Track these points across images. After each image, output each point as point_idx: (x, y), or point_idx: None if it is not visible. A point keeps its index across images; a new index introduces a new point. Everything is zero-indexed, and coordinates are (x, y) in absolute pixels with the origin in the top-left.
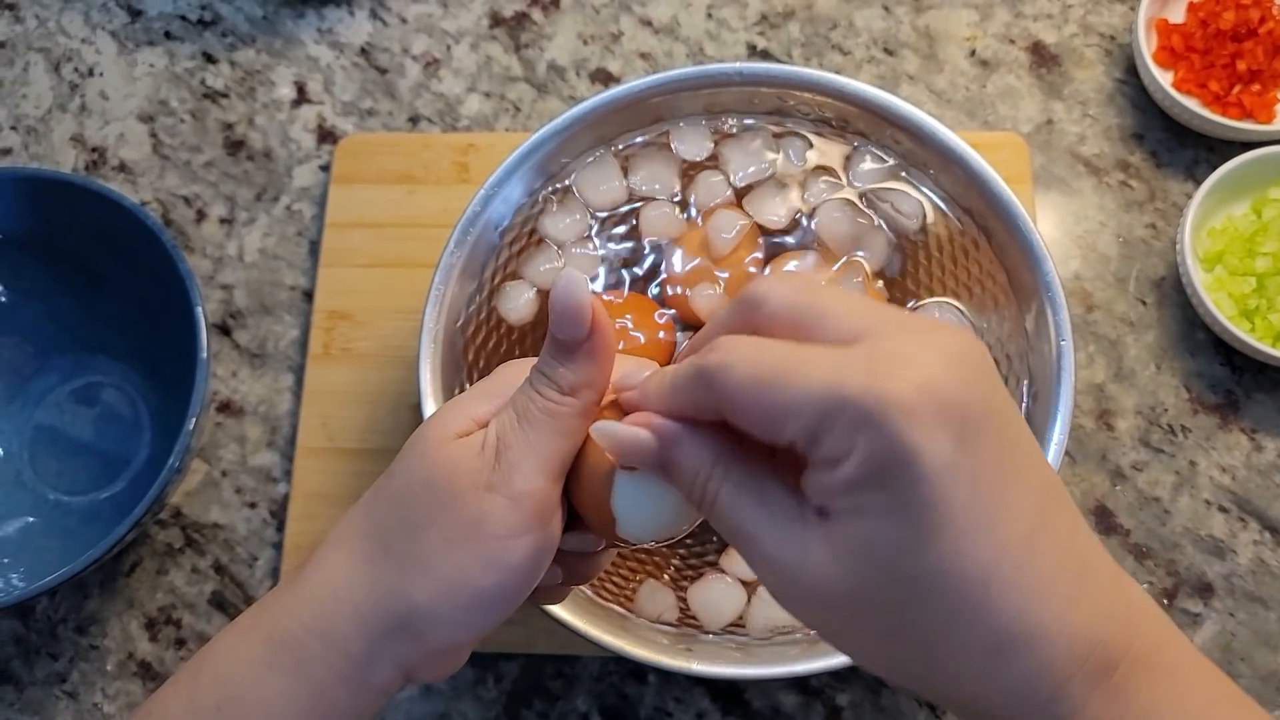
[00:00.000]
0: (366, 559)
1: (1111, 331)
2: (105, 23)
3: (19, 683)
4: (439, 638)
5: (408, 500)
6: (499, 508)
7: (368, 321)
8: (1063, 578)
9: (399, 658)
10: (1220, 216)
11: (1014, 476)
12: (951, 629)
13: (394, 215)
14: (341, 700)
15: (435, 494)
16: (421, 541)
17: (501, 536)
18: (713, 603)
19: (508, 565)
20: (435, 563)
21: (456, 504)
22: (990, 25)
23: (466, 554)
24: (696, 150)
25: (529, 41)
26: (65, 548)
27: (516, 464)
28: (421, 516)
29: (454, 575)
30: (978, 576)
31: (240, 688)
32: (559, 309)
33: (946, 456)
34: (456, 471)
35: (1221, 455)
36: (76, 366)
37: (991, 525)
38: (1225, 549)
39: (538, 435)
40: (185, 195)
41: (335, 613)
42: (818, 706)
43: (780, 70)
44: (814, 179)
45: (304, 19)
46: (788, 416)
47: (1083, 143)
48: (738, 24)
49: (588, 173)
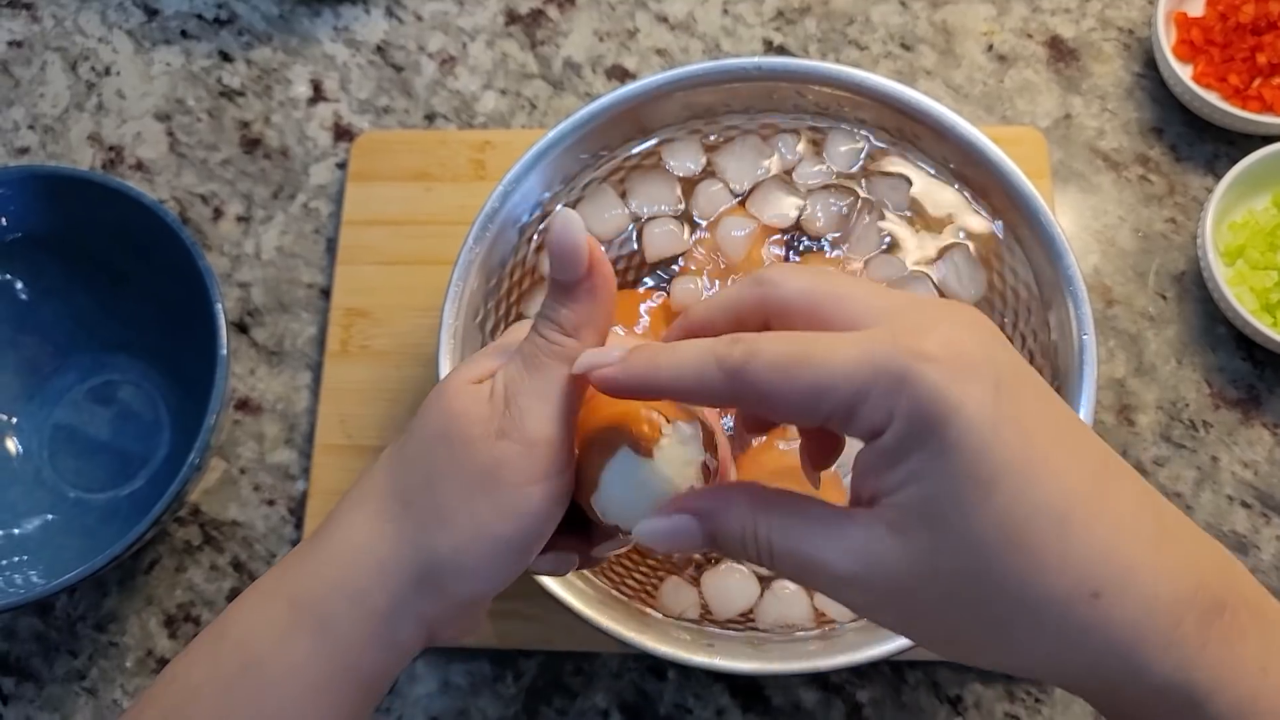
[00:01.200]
0: (388, 516)
1: (1132, 326)
2: (122, 22)
3: (39, 680)
4: (461, 589)
5: (424, 454)
6: (513, 454)
7: (385, 319)
8: (1143, 517)
9: (422, 612)
10: (1241, 210)
11: (1064, 425)
12: (1040, 580)
13: (411, 213)
14: (366, 659)
15: (450, 445)
16: (440, 493)
17: (518, 484)
18: (726, 591)
19: (525, 512)
20: (454, 512)
21: (471, 452)
22: (1008, 20)
23: (484, 502)
24: (690, 164)
25: (545, 38)
26: (85, 545)
27: (527, 409)
28: (439, 468)
29: (473, 524)
30: (1051, 518)
31: (264, 650)
32: (556, 250)
33: (988, 405)
34: (469, 420)
35: (1243, 450)
36: (95, 364)
37: (1052, 467)
38: (1248, 545)
39: (545, 380)
40: (202, 193)
41: (358, 568)
42: (838, 703)
43: (799, 65)
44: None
45: (320, 17)
46: (822, 394)
47: (1101, 137)
48: (754, 20)
49: (586, 206)
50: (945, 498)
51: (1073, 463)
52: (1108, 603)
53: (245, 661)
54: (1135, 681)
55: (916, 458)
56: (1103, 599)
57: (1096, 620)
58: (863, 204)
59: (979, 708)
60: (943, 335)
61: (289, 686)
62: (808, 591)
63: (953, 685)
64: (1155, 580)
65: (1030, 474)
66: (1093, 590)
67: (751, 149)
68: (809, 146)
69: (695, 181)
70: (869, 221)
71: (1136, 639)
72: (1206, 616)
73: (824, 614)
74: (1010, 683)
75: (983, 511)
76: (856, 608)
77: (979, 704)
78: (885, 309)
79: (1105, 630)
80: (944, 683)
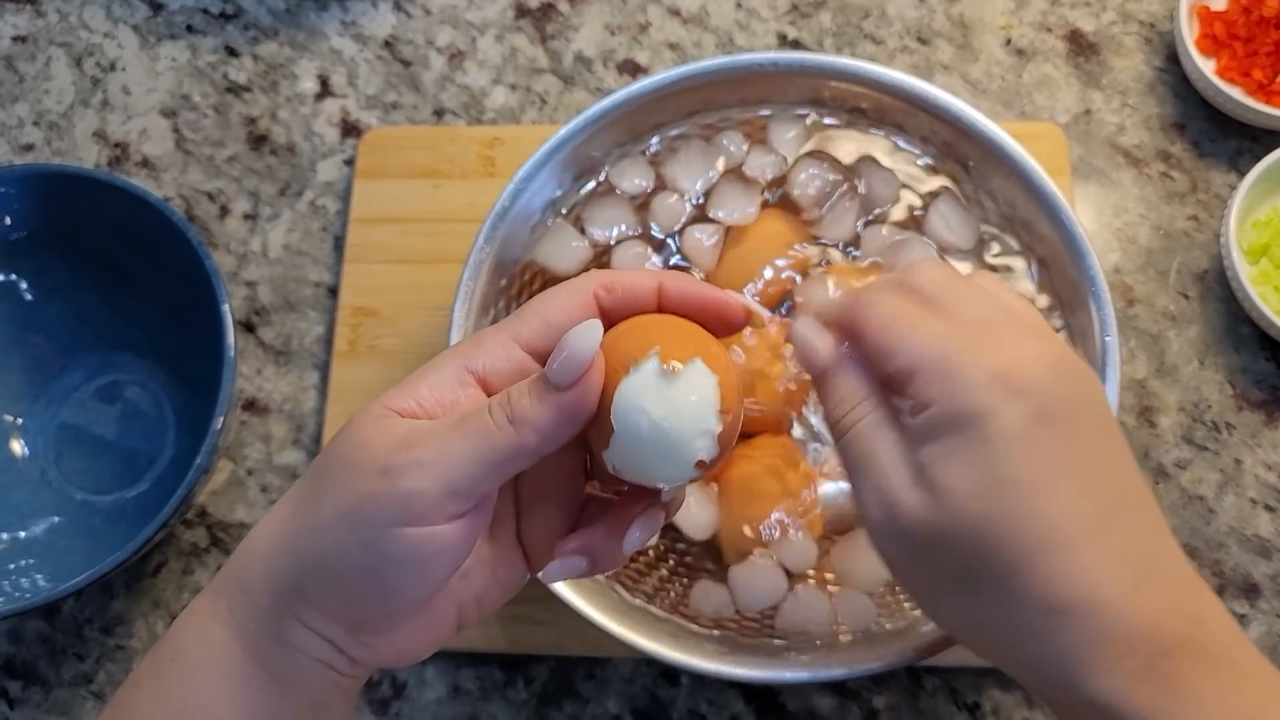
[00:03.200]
0: (282, 516)
1: (1153, 326)
2: (127, 17)
3: (46, 683)
4: (330, 606)
5: (320, 466)
6: (383, 498)
7: (394, 318)
8: (1129, 562)
9: (305, 619)
10: (1265, 208)
11: (1091, 464)
12: (1015, 580)
13: (419, 210)
14: (272, 654)
15: (341, 465)
16: (319, 507)
17: (378, 525)
18: (754, 585)
19: (383, 554)
20: (322, 533)
21: (351, 479)
22: (1026, 13)
23: (349, 531)
24: (640, 181)
25: (555, 32)
26: (91, 548)
27: (421, 462)
28: (323, 484)
29: (335, 550)
30: (1040, 536)
31: (190, 638)
32: (565, 353)
33: (1018, 425)
34: (365, 448)
35: (1267, 453)
36: (101, 364)
37: (1059, 495)
38: (1272, 548)
39: (462, 444)
40: (209, 191)
41: (248, 565)
42: (854, 709)
43: (815, 60)
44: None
45: (327, 11)
46: (894, 352)
47: (1122, 133)
48: (768, 13)
49: (547, 245)
50: (964, 483)
51: (1081, 495)
52: (1063, 623)
53: (175, 650)
54: (1069, 692)
55: (947, 441)
56: (1061, 618)
57: (1044, 632)
58: (847, 187)
59: (997, 714)
60: (1006, 356)
61: (208, 672)
62: (829, 596)
63: (970, 691)
64: (1116, 618)
65: (1036, 492)
66: (1052, 606)
67: (698, 153)
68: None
69: (650, 197)
70: (849, 206)
71: (1079, 661)
72: (1153, 658)
73: (843, 624)
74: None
75: (980, 507)
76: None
77: (997, 710)
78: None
79: (1050, 641)
80: (962, 689)
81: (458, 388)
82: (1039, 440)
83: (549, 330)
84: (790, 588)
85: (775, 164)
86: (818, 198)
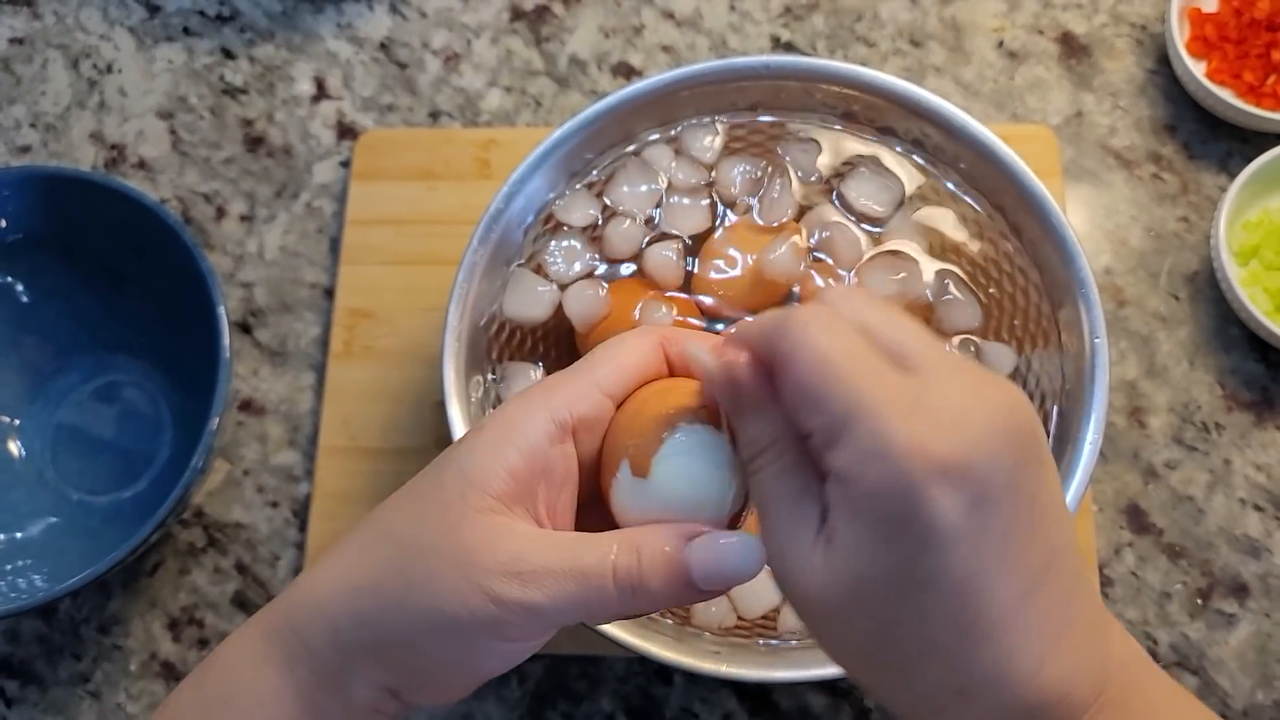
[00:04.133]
0: (356, 577)
1: (1144, 327)
2: (123, 19)
3: (43, 683)
4: (402, 675)
5: (407, 540)
6: (484, 618)
7: (389, 319)
8: (1042, 635)
9: (370, 679)
10: (1255, 210)
11: (1020, 544)
12: (921, 665)
13: (415, 212)
14: (329, 707)
15: (439, 560)
16: (409, 594)
17: (473, 636)
18: (753, 589)
19: (469, 656)
20: (412, 621)
21: (449, 583)
22: (1018, 16)
23: (443, 631)
24: (591, 212)
25: (550, 35)
26: (88, 548)
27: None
28: (414, 569)
29: (424, 643)
30: (956, 629)
31: (241, 680)
32: (725, 571)
33: (956, 521)
34: (469, 556)
35: (1256, 453)
36: (97, 365)
37: (982, 587)
38: (1261, 548)
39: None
40: (205, 192)
41: (311, 620)
42: (846, 708)
43: (807, 63)
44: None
45: (323, 14)
46: (821, 407)
47: (1113, 135)
48: (761, 16)
49: (512, 298)
50: (879, 579)
51: (1009, 579)
52: (966, 700)
53: (223, 692)
54: None
55: (862, 525)
56: (964, 696)
57: (949, 709)
58: (774, 169)
59: None
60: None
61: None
62: None
63: None
64: (1017, 693)
65: (960, 588)
66: (959, 689)
67: (636, 172)
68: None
69: (602, 226)
70: (781, 186)
71: None
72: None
73: None
74: None
75: (903, 605)
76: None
77: None
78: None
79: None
80: None
81: (548, 447)
82: (975, 537)
83: (624, 374)
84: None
85: (701, 171)
86: (751, 187)
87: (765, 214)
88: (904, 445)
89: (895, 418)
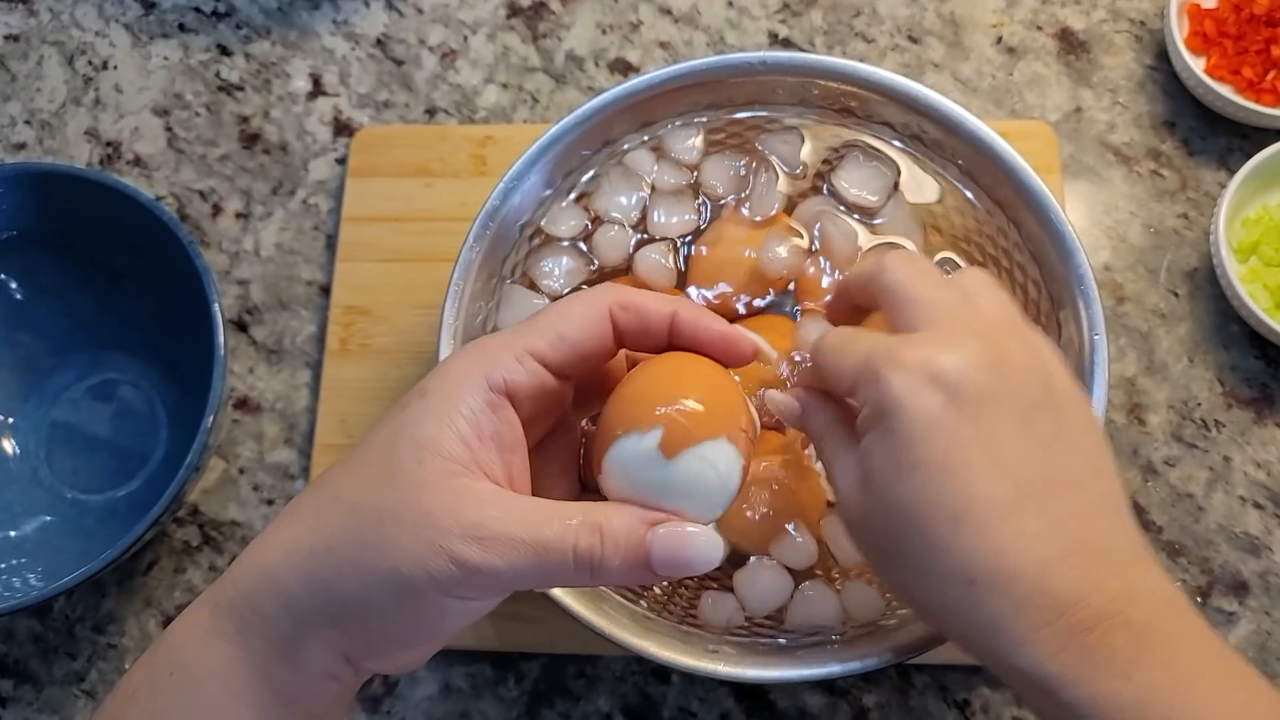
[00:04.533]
0: (306, 543)
1: (1143, 324)
2: (119, 15)
3: (37, 682)
4: (355, 637)
5: (361, 503)
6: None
7: (386, 317)
8: (1053, 540)
9: (325, 642)
10: (1255, 206)
11: (1010, 450)
12: (930, 556)
13: (411, 209)
14: (282, 674)
15: (396, 523)
16: (364, 555)
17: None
18: (759, 585)
19: (424, 614)
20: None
21: (407, 542)
22: (1017, 11)
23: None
24: (575, 224)
25: (547, 31)
26: (83, 547)
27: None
28: (369, 530)
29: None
30: (947, 513)
31: (191, 653)
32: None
33: (931, 411)
34: (429, 517)
35: (1256, 450)
36: (93, 364)
37: (969, 477)
38: (1260, 546)
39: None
40: (201, 189)
41: (262, 587)
42: (844, 707)
43: (804, 59)
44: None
45: (319, 10)
46: (841, 375)
47: (1112, 131)
48: (759, 12)
49: (506, 314)
50: (879, 471)
51: (996, 476)
52: (979, 591)
53: (174, 664)
54: (996, 660)
55: (872, 435)
56: (976, 587)
57: (966, 603)
58: (757, 163)
59: (986, 712)
60: (929, 352)
61: (211, 690)
62: (835, 591)
63: (960, 689)
64: (1033, 588)
65: (943, 472)
66: (969, 578)
67: (620, 178)
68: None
69: (589, 235)
70: (766, 180)
71: (998, 629)
72: (1068, 631)
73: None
74: None
75: (895, 489)
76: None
77: (986, 708)
78: (933, 322)
79: (972, 613)
80: (952, 686)
81: (492, 414)
82: (951, 426)
83: (564, 345)
84: (796, 585)
85: (684, 172)
86: (736, 184)
87: (753, 209)
88: (888, 365)
89: (881, 355)
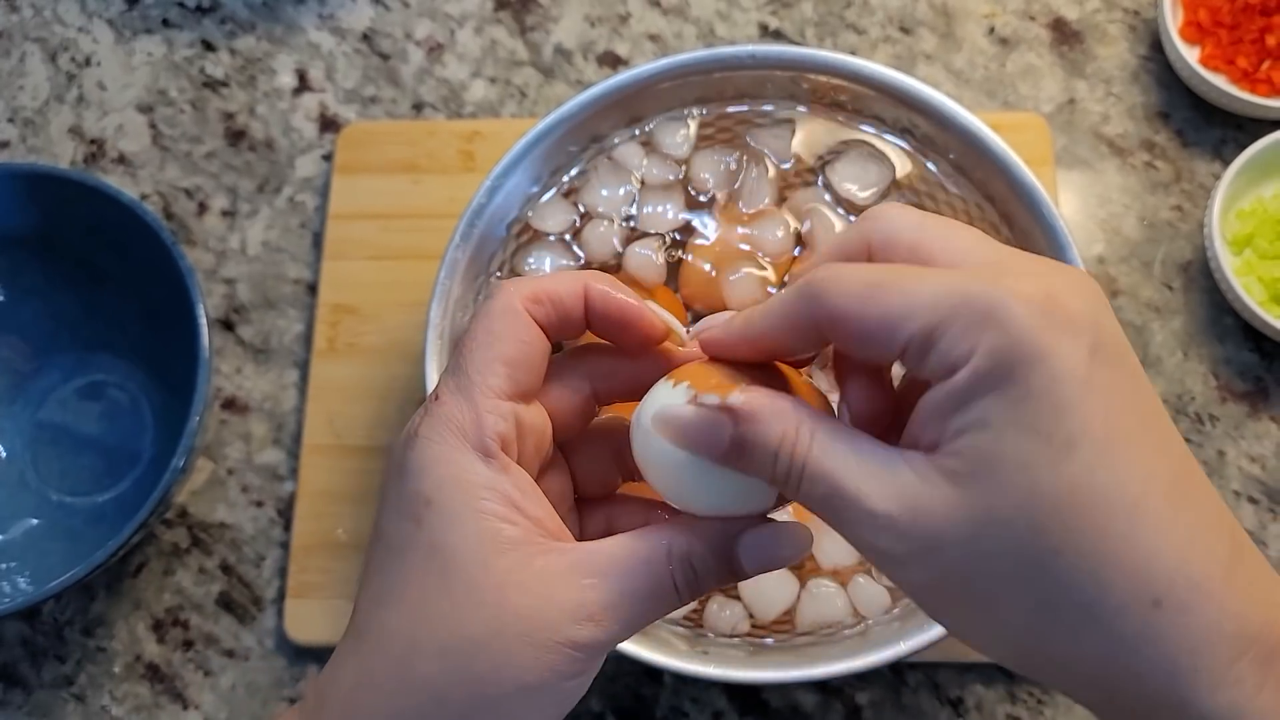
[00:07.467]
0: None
1: (1137, 317)
2: (102, 11)
3: (26, 685)
4: None
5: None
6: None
7: (373, 315)
8: (1219, 536)
9: None
10: (1249, 198)
11: (1152, 415)
12: (1099, 569)
13: (398, 206)
14: None
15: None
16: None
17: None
18: (765, 594)
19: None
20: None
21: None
22: (1009, 1)
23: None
24: (564, 219)
25: (534, 24)
26: (70, 549)
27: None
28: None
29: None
30: (1125, 503)
31: None
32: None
33: (1081, 363)
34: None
35: (1251, 444)
36: (78, 365)
37: (1136, 451)
38: (1256, 541)
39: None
40: (186, 187)
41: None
42: (837, 705)
43: (793, 52)
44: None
45: (304, 5)
46: (900, 320)
47: (1106, 122)
48: (749, 4)
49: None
50: (1013, 451)
51: (1156, 455)
52: (1168, 618)
53: None
54: (1176, 710)
55: (991, 401)
56: (1163, 611)
57: (1152, 634)
58: (747, 158)
59: (980, 709)
60: (1046, 283)
61: None
62: (845, 588)
63: (954, 687)
64: (1222, 607)
65: (1112, 450)
66: (1154, 598)
67: (608, 173)
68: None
69: (578, 230)
70: (757, 174)
71: (1191, 666)
72: (1267, 659)
73: (861, 614)
74: (1012, 684)
75: (1052, 476)
76: (880, 555)
77: (980, 706)
78: (990, 253)
79: (1159, 646)
80: (945, 684)
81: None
82: (1105, 384)
83: (512, 370)
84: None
85: (673, 167)
86: (726, 178)
87: (745, 202)
88: (1007, 298)
89: (977, 286)
